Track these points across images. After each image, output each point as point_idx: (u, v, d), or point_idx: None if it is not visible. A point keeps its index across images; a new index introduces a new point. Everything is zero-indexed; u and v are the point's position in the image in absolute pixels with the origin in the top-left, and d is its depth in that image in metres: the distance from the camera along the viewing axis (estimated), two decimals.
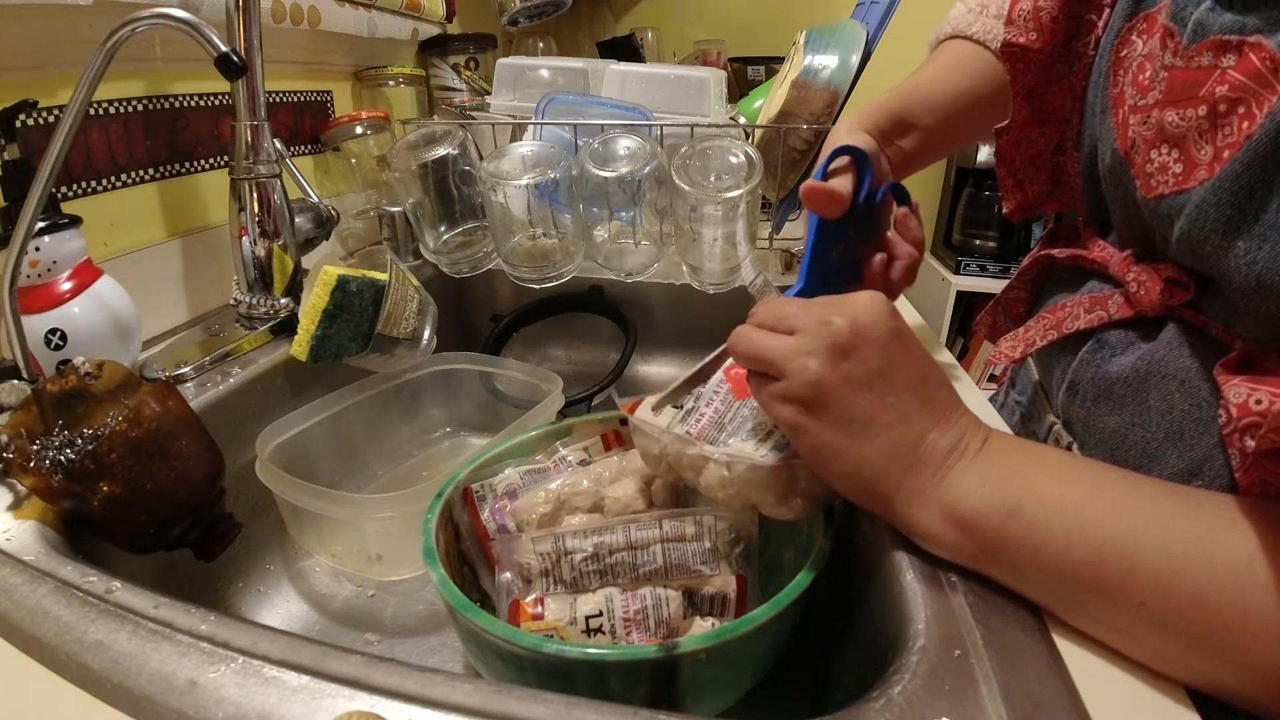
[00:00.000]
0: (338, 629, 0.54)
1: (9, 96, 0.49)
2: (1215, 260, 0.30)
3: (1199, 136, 0.30)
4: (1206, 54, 0.29)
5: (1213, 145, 0.29)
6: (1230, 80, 0.28)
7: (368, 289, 0.57)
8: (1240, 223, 0.28)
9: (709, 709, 0.37)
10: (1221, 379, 0.29)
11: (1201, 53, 0.30)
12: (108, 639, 0.30)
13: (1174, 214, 0.31)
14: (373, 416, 0.66)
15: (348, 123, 0.87)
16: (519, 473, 0.48)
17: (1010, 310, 0.50)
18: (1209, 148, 0.29)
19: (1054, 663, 0.29)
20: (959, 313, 1.67)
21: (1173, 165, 0.31)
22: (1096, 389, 0.39)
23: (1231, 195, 0.28)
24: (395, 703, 0.27)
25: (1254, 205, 0.28)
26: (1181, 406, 0.34)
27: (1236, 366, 0.30)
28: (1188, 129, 0.30)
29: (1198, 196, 0.30)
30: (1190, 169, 0.30)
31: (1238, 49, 0.28)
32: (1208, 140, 0.29)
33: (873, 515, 0.39)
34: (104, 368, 0.42)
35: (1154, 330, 0.36)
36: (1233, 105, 0.28)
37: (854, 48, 0.77)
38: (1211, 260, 0.30)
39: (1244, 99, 0.28)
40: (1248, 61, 0.28)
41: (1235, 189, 0.28)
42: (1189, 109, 0.30)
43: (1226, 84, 0.28)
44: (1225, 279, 0.30)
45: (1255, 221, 0.27)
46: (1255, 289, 0.28)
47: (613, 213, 0.73)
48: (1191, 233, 0.30)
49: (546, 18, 1.28)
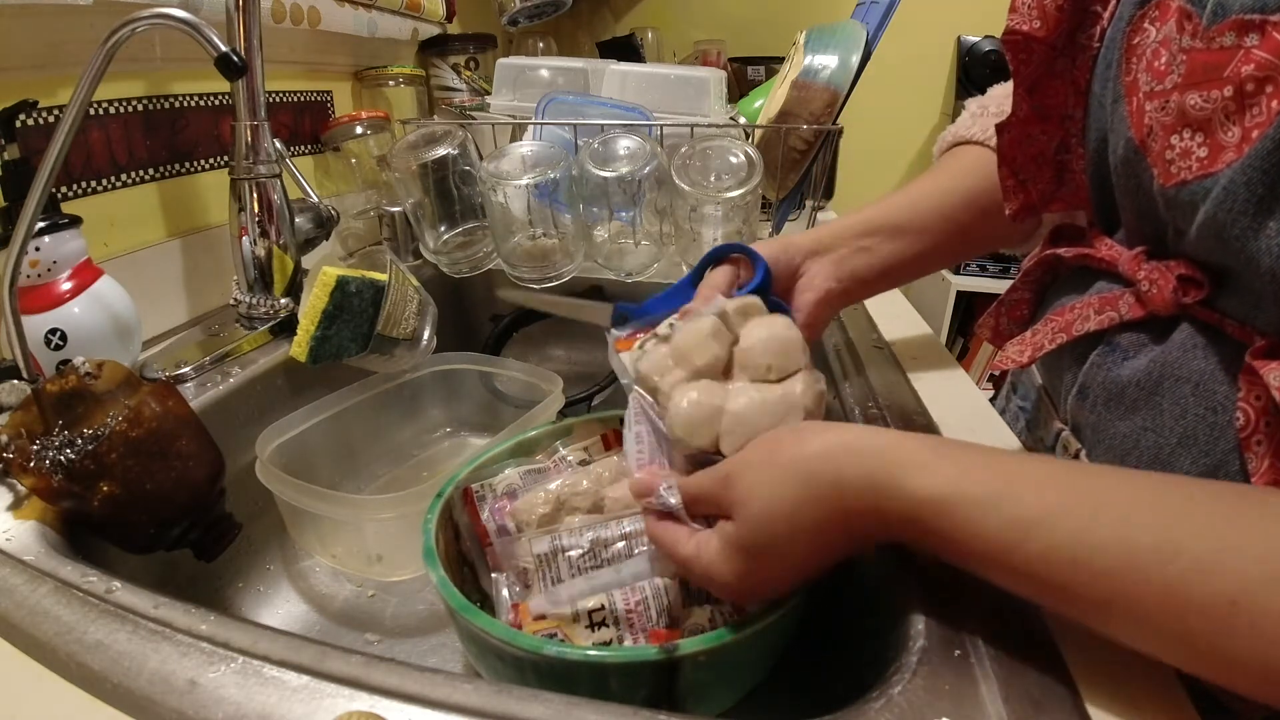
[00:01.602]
0: (338, 629, 0.54)
1: (9, 96, 0.49)
2: (1243, 245, 0.29)
3: (1225, 118, 0.29)
4: (1229, 34, 0.29)
5: (1240, 126, 0.29)
6: (1256, 59, 0.28)
7: (367, 289, 0.57)
8: (1272, 201, 0.28)
9: (709, 710, 0.37)
10: (1258, 364, 0.29)
11: (1223, 33, 0.29)
12: (108, 639, 0.30)
13: (1198, 200, 0.31)
14: (373, 417, 0.66)
15: (348, 123, 0.87)
16: (519, 473, 0.48)
17: (1014, 313, 0.49)
18: (1236, 129, 0.29)
19: (1054, 663, 0.29)
20: (959, 313, 1.67)
21: (1196, 150, 0.31)
22: (1107, 393, 0.38)
23: (1263, 174, 0.28)
24: (395, 703, 0.27)
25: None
26: (1195, 410, 0.33)
27: (1266, 354, 0.29)
28: (1212, 111, 0.30)
29: (1225, 179, 0.29)
30: (1216, 152, 0.30)
31: (1260, 28, 0.28)
32: (1235, 121, 0.29)
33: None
34: (104, 368, 0.42)
35: (1166, 331, 0.36)
36: (1260, 84, 0.28)
37: (854, 48, 0.77)
38: (1238, 245, 0.29)
39: (1272, 77, 0.27)
40: (1271, 39, 0.27)
41: (1266, 167, 0.28)
42: (1213, 90, 0.30)
43: (1252, 63, 0.28)
44: (1251, 265, 0.29)
45: None
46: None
47: (613, 213, 0.73)
48: (1218, 216, 0.30)
49: (546, 18, 1.28)
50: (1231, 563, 0.24)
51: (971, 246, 0.56)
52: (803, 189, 0.86)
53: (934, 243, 0.51)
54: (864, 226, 0.50)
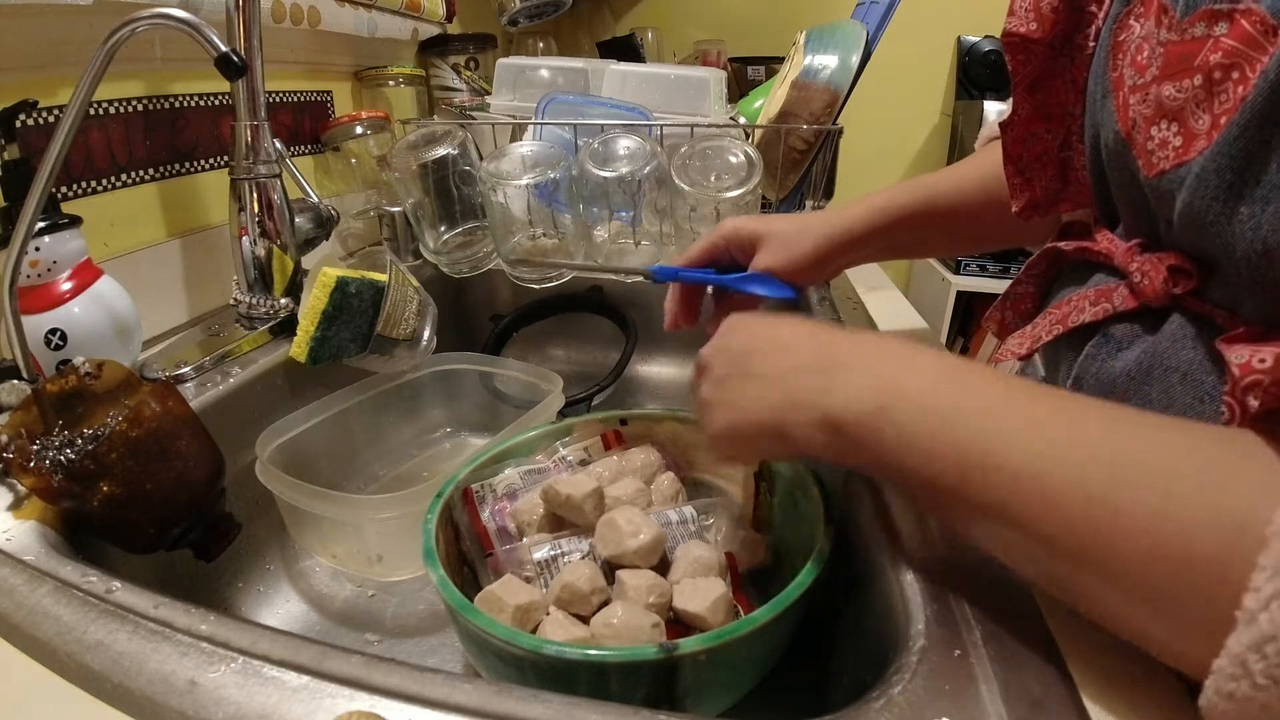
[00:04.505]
0: (338, 629, 0.54)
1: (9, 96, 0.49)
2: (1218, 231, 0.29)
3: (1196, 107, 0.30)
4: (1199, 24, 0.30)
5: (1210, 114, 0.29)
6: (1223, 47, 0.28)
7: (367, 290, 0.57)
8: (1241, 187, 0.28)
9: (709, 709, 0.37)
10: (1223, 347, 0.29)
11: (1194, 24, 0.30)
12: (108, 639, 0.30)
13: (1176, 188, 0.31)
14: (373, 417, 0.66)
15: (348, 123, 0.87)
16: (519, 473, 0.48)
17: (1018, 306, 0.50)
18: (1206, 117, 0.29)
19: (1054, 663, 0.29)
20: (959, 312, 1.67)
21: (1172, 139, 0.31)
22: (1101, 384, 0.39)
23: (1231, 160, 0.28)
24: (395, 703, 0.27)
25: (1254, 168, 0.27)
26: (1183, 400, 0.33)
27: (1237, 340, 0.30)
28: (1185, 100, 0.30)
29: (1197, 166, 0.30)
30: (1189, 140, 0.30)
31: (1229, 16, 0.28)
32: (1205, 109, 0.29)
33: (872, 515, 0.39)
34: (104, 368, 0.42)
35: (1159, 322, 0.36)
36: (1227, 71, 0.28)
37: (854, 48, 0.77)
38: (1215, 232, 0.30)
39: (1237, 64, 0.28)
40: (1239, 27, 0.28)
41: (1234, 153, 0.28)
42: (1185, 80, 0.30)
43: (1220, 51, 0.28)
44: (1229, 252, 0.30)
45: (1256, 184, 0.27)
46: (1261, 255, 0.28)
47: (613, 213, 0.73)
48: (1193, 204, 0.30)
49: (546, 18, 1.28)
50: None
51: (999, 237, 0.58)
52: (803, 189, 0.86)
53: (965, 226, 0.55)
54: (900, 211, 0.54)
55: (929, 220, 0.54)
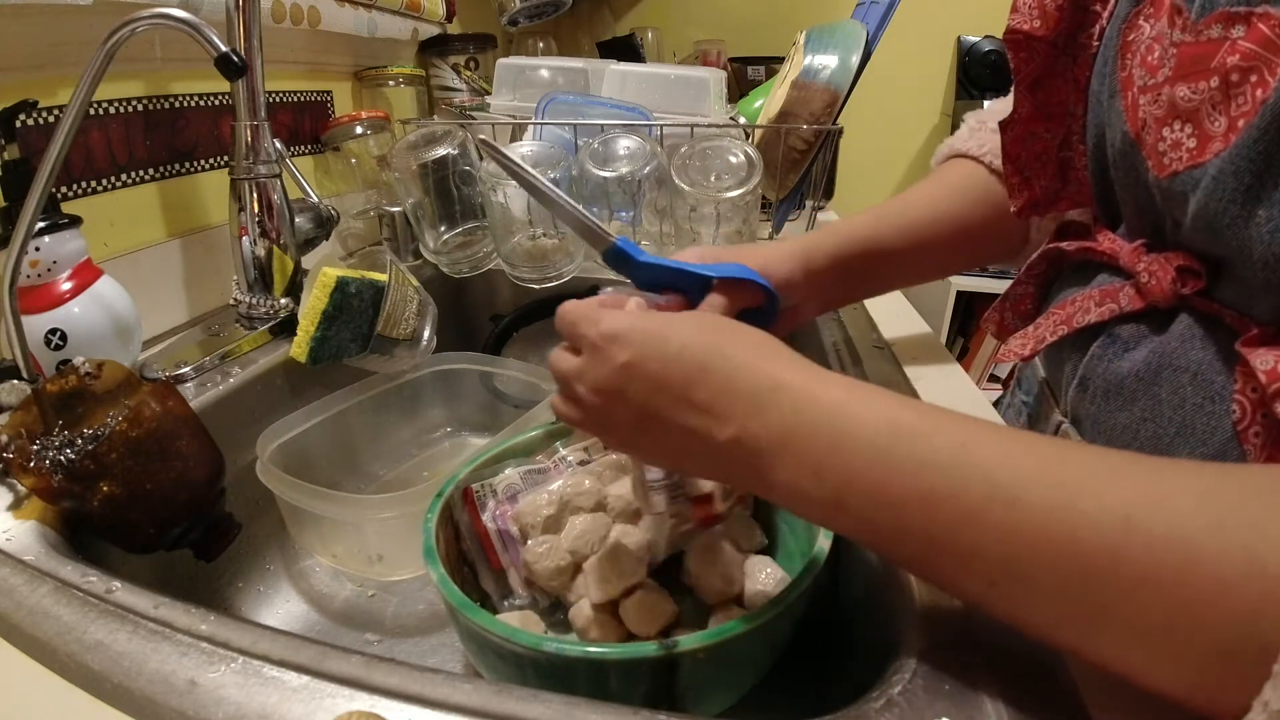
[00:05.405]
0: (338, 629, 0.54)
1: (9, 96, 0.49)
2: (1234, 233, 0.29)
3: (1212, 109, 0.30)
4: (1215, 26, 0.30)
5: (1226, 116, 0.29)
6: (1241, 50, 0.28)
7: (367, 290, 0.57)
8: (1260, 190, 0.28)
9: (709, 709, 0.37)
10: (1245, 351, 0.29)
11: (1210, 25, 0.30)
12: (108, 639, 0.30)
13: (1189, 190, 0.31)
14: (373, 417, 0.66)
15: (348, 123, 0.87)
16: (519, 473, 0.48)
17: (1018, 307, 0.50)
18: (1223, 119, 0.29)
19: (1054, 663, 0.29)
20: (959, 313, 1.67)
21: (1186, 141, 0.31)
22: (1107, 385, 0.38)
23: (1250, 162, 0.28)
24: (395, 703, 0.27)
25: (1273, 171, 0.27)
26: (1194, 400, 0.33)
27: (1258, 343, 0.30)
28: (1200, 102, 0.30)
29: (1214, 168, 0.29)
30: (1204, 142, 0.30)
31: (1246, 19, 0.28)
32: (1221, 111, 0.29)
33: None
34: (104, 368, 0.42)
35: (1166, 322, 0.36)
36: (1245, 74, 0.28)
37: (854, 48, 0.77)
38: (1230, 234, 0.30)
39: (1256, 67, 0.28)
40: (1257, 30, 0.28)
41: (1253, 155, 0.28)
42: (1200, 82, 0.30)
43: (1237, 54, 0.28)
44: (1244, 254, 0.30)
45: (1276, 187, 0.27)
46: (1277, 259, 0.28)
47: (613, 213, 0.73)
48: (1209, 206, 0.30)
49: (546, 18, 1.28)
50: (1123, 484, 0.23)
51: (955, 265, 0.56)
52: (803, 189, 0.86)
53: (917, 261, 0.53)
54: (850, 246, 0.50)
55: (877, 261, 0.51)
